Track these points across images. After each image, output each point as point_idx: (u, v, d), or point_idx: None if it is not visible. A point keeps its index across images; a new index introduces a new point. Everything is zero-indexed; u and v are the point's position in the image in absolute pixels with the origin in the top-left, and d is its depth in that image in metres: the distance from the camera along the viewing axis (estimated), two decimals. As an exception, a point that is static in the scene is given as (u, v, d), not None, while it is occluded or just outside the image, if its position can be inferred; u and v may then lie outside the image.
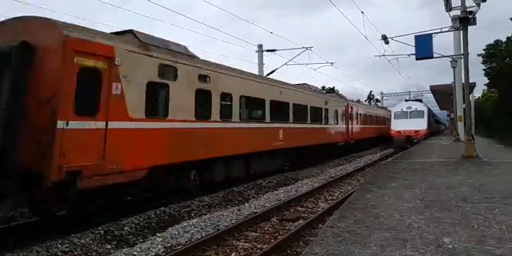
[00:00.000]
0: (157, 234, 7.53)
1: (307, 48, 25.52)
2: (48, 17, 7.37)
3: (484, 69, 33.55)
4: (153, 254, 6.39)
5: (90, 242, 6.92)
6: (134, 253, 6.37)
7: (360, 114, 30.31)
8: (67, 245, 6.64)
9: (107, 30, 8.91)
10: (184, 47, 11.08)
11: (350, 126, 26.49)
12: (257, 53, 27.52)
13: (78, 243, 6.77)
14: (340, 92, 34.17)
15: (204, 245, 6.76)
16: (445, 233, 5.01)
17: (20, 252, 6.17)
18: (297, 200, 10.82)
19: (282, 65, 25.98)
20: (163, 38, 10.37)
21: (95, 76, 7.49)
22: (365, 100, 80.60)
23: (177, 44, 10.77)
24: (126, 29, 9.59)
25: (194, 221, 8.38)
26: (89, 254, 6.52)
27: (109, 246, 6.97)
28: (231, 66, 13.02)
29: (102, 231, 7.41)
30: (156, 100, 9.32)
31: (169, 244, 6.86)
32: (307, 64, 28.33)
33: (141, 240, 7.38)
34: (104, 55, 7.63)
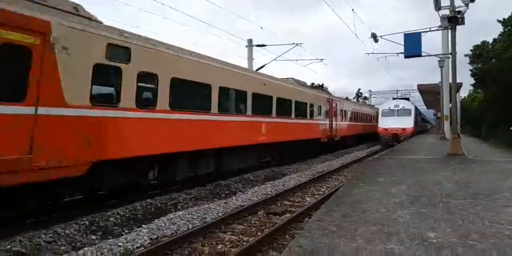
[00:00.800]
0: (143, 225, 7.48)
1: (297, 44, 25.52)
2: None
3: (470, 70, 33.98)
4: (138, 245, 6.35)
5: (75, 232, 6.85)
6: (120, 244, 6.32)
7: (346, 111, 30.21)
8: (51, 235, 6.55)
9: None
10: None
11: (334, 122, 25.44)
12: (246, 48, 27.45)
13: (62, 233, 6.69)
14: (328, 89, 34.19)
15: (191, 237, 6.74)
16: (430, 227, 5.07)
17: (2, 242, 6.07)
18: (284, 194, 10.86)
19: (272, 61, 25.97)
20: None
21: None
22: (354, 98, 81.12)
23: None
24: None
25: (181, 213, 8.35)
26: (73, 244, 6.44)
27: (94, 237, 6.90)
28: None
29: (87, 222, 7.33)
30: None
31: (155, 236, 6.83)
32: (296, 60, 28.38)
33: (126, 231, 7.33)
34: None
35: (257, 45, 27.12)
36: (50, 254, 5.99)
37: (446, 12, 15.89)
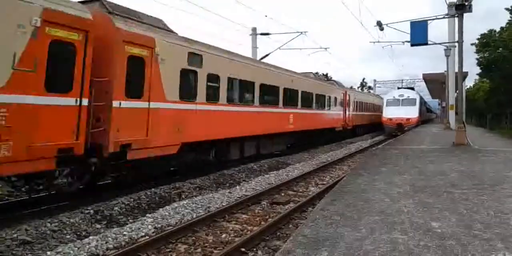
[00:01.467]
0: (147, 214, 7.51)
1: (301, 32, 25.30)
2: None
3: (477, 59, 33.58)
4: (143, 234, 6.39)
5: (80, 221, 6.90)
6: (124, 233, 6.35)
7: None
8: (56, 224, 6.60)
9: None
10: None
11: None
12: (251, 37, 27.24)
13: (68, 222, 6.74)
14: (333, 79, 34.04)
15: (195, 226, 6.77)
16: (434, 217, 5.06)
17: (8, 231, 6.13)
18: (288, 184, 10.86)
19: (276, 49, 25.76)
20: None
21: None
22: (358, 87, 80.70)
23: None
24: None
25: (185, 202, 8.38)
26: (78, 233, 6.49)
27: (98, 226, 6.95)
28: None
29: (92, 211, 7.38)
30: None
31: (159, 225, 6.86)
32: (301, 49, 28.16)
33: (131, 220, 7.37)
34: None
35: (261, 34, 26.91)
36: (56, 242, 6.05)
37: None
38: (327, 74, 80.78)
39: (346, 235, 4.42)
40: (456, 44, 17.15)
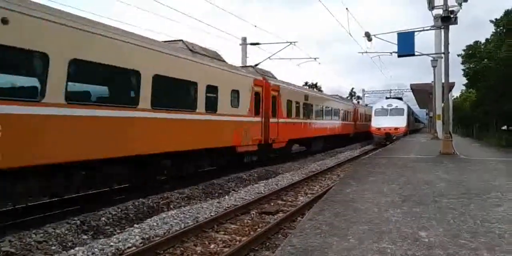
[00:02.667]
0: (135, 225, 7.43)
1: (291, 42, 25.50)
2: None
3: (463, 70, 34.19)
4: (130, 245, 6.30)
5: (66, 232, 6.78)
6: (111, 243, 6.27)
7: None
8: (42, 234, 6.48)
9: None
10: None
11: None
12: (241, 46, 27.36)
13: (53, 233, 6.62)
14: (322, 88, 34.73)
15: (183, 236, 6.71)
16: (421, 227, 5.09)
17: (-9, 242, 6.00)
18: (277, 194, 10.85)
19: (266, 59, 25.90)
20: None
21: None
22: (347, 97, 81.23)
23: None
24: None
25: (173, 212, 8.31)
26: (64, 244, 6.38)
27: (85, 237, 6.84)
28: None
29: (78, 221, 7.26)
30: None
31: (147, 235, 6.78)
32: (290, 59, 28.35)
33: (118, 231, 7.28)
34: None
35: (251, 44, 27.05)
36: (41, 254, 5.93)
37: (440, 11, 16.00)
38: (316, 84, 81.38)
39: (334, 245, 4.42)
40: (443, 55, 17.44)
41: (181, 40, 11.72)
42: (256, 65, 24.23)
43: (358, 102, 71.74)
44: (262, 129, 16.01)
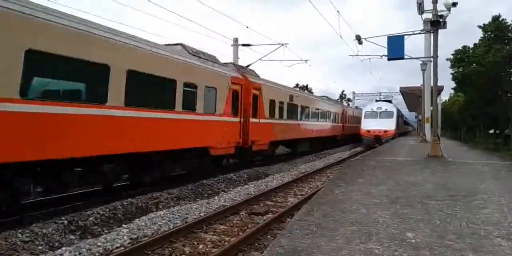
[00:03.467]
0: (123, 225, 7.39)
1: (282, 44, 25.57)
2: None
3: (451, 74, 34.64)
4: (118, 245, 6.27)
5: (53, 232, 6.72)
6: (99, 243, 6.23)
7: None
8: (28, 234, 6.41)
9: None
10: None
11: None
12: (232, 47, 27.38)
13: (40, 232, 6.55)
14: (313, 90, 34.98)
15: (172, 237, 6.69)
16: (409, 228, 5.14)
17: (-24, 241, 5.91)
18: (267, 195, 10.87)
19: (257, 60, 25.96)
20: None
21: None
22: (337, 99, 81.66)
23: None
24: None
25: (162, 213, 8.28)
26: (50, 244, 6.32)
27: (72, 237, 6.79)
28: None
29: (66, 221, 7.20)
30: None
31: (135, 236, 6.75)
32: (281, 60, 28.43)
33: (106, 231, 7.23)
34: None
35: (243, 45, 27.07)
36: (27, 254, 5.86)
37: (429, 16, 16.20)
38: (307, 86, 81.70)
39: (323, 245, 4.44)
40: (432, 59, 17.65)
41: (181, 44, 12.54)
42: (248, 66, 24.32)
43: (348, 104, 72.20)
44: (241, 130, 14.93)
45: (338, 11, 21.80)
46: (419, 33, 17.61)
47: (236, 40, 27.21)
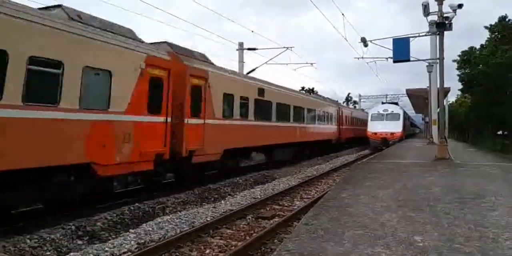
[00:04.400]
0: (130, 230, 7.41)
1: (287, 48, 25.62)
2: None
3: (458, 75, 34.47)
4: (125, 250, 6.29)
5: (61, 237, 6.76)
6: (106, 249, 6.25)
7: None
8: (36, 240, 6.46)
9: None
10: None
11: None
12: (237, 51, 27.46)
13: (48, 238, 6.60)
14: (319, 93, 34.76)
15: (179, 241, 6.70)
16: (416, 231, 5.10)
17: (-15, 247, 5.96)
18: (274, 198, 10.85)
19: (263, 64, 26.00)
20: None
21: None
22: (343, 102, 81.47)
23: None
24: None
25: (169, 217, 8.30)
26: (59, 249, 6.36)
27: (80, 242, 6.82)
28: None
29: (73, 227, 7.24)
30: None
31: (142, 241, 6.77)
32: (287, 64, 28.45)
33: (113, 236, 7.26)
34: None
35: (248, 49, 27.15)
36: (35, 259, 5.91)
37: (434, 18, 16.15)
38: (313, 89, 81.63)
39: (329, 249, 4.42)
40: (438, 60, 17.57)
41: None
42: (253, 70, 24.40)
43: (355, 106, 71.98)
44: (166, 135, 10.33)
45: (343, 14, 21.83)
46: (425, 35, 17.57)
47: (241, 44, 27.30)
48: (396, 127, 32.84)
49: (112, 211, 8.46)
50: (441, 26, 15.59)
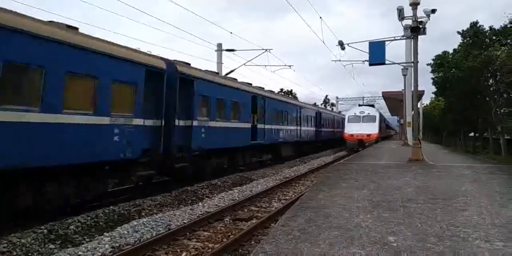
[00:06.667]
0: (105, 233, 7.26)
1: (266, 50, 25.71)
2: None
3: (432, 78, 35.31)
4: (99, 254, 6.16)
5: (32, 241, 6.56)
6: (80, 253, 6.10)
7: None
8: (5, 245, 6.25)
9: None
10: None
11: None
12: (216, 53, 27.37)
13: (18, 243, 6.39)
14: (297, 96, 35.06)
15: (154, 244, 6.61)
16: (390, 232, 5.19)
17: (-49, 253, 5.73)
18: (251, 200, 10.86)
19: (241, 65, 25.98)
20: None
21: None
22: (321, 104, 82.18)
23: None
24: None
25: (145, 220, 8.17)
26: (29, 254, 6.17)
27: (52, 246, 6.64)
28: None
29: (45, 230, 7.05)
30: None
31: (117, 244, 6.64)
32: (265, 65, 28.53)
33: (87, 239, 7.10)
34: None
35: (227, 50, 27.09)
36: (4, 265, 5.71)
37: (409, 22, 16.51)
38: (291, 91, 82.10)
39: (306, 250, 4.45)
40: (412, 64, 17.96)
41: None
42: (231, 71, 24.35)
43: (332, 109, 72.83)
44: None
45: (321, 17, 22.11)
46: (400, 39, 17.92)
47: (220, 45, 27.22)
48: (372, 129, 33.40)
49: (86, 214, 8.28)
50: (415, 30, 15.97)
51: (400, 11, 16.36)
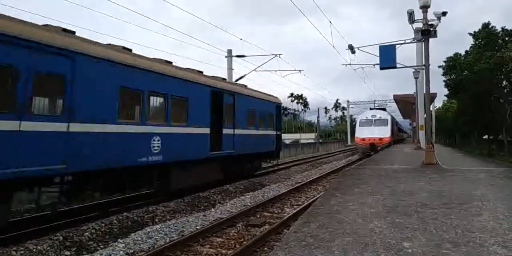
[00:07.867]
0: (119, 240, 7.33)
1: (276, 55, 25.79)
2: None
3: (444, 81, 34.98)
4: (114, 260, 6.22)
5: (48, 248, 6.65)
6: (94, 259, 6.17)
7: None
8: (22, 252, 6.35)
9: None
10: None
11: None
12: (226, 59, 27.53)
13: (35, 249, 6.49)
14: (308, 100, 35.05)
15: (168, 251, 6.65)
16: (405, 237, 5.15)
17: (-30, 260, 5.84)
18: (264, 206, 10.84)
19: (251, 71, 26.09)
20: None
21: None
22: (332, 108, 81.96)
23: None
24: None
25: (158, 226, 8.23)
26: (46, 261, 6.26)
27: (68, 253, 6.73)
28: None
29: (61, 237, 7.14)
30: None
31: (131, 250, 6.69)
32: (275, 71, 28.58)
33: (102, 246, 7.17)
34: None
35: (237, 56, 27.22)
36: (21, 271, 5.80)
37: (420, 25, 16.43)
38: (301, 95, 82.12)
39: (319, 257, 4.43)
40: (424, 67, 17.84)
41: None
42: (242, 77, 24.47)
43: (343, 113, 72.51)
44: None
45: (330, 22, 22.09)
46: (410, 42, 17.83)
47: (230, 51, 27.38)
48: (384, 133, 33.15)
49: (100, 220, 8.37)
50: (426, 33, 15.86)
51: (411, 14, 16.29)
